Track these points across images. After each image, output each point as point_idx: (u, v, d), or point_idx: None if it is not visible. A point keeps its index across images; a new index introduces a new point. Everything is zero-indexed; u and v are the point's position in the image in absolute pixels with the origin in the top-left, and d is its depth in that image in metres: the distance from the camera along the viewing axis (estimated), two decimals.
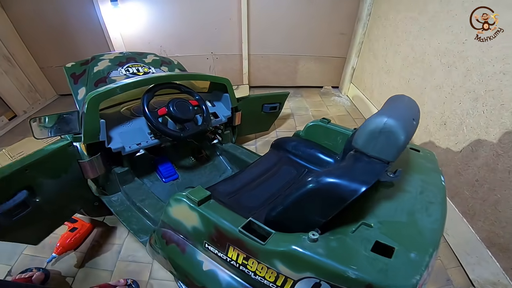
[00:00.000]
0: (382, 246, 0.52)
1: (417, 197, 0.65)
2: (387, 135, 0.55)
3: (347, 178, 0.54)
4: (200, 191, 0.71)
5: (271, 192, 1.01)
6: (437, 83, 1.51)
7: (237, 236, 0.61)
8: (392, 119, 0.55)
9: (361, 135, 0.59)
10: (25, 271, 1.12)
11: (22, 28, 2.48)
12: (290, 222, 0.62)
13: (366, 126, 0.58)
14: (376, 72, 2.32)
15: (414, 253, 0.51)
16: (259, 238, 0.58)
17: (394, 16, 2.02)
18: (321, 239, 0.54)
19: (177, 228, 0.76)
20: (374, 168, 0.55)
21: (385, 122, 0.55)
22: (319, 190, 0.56)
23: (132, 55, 1.61)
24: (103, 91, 0.99)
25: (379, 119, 0.56)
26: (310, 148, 1.17)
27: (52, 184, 0.92)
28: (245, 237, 0.59)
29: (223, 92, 1.49)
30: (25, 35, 2.52)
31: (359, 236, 0.55)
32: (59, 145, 0.90)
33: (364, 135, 0.58)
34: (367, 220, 0.58)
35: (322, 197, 0.56)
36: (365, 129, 0.58)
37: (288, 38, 2.72)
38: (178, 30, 2.59)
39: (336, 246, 0.53)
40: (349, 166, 0.58)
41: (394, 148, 0.56)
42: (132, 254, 1.25)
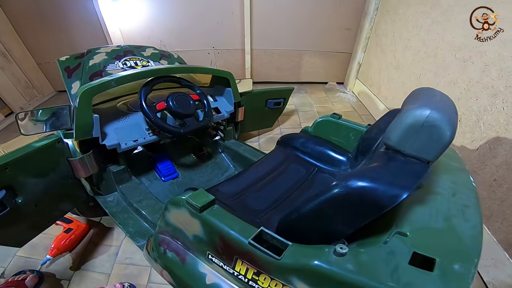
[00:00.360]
0: (421, 257, 0.45)
1: (450, 200, 0.58)
2: (430, 130, 0.47)
3: (383, 181, 0.46)
4: (202, 195, 0.63)
5: (279, 193, 0.93)
6: (451, 79, 1.46)
7: (246, 249, 0.53)
8: (436, 111, 0.47)
9: (395, 130, 0.51)
10: (19, 274, 1.07)
11: (19, 23, 2.42)
12: (308, 231, 0.55)
13: (403, 119, 0.50)
14: (384, 67, 2.25)
15: (458, 264, 0.44)
16: (273, 251, 0.50)
17: (404, 11, 1.96)
18: (349, 253, 0.46)
19: (176, 235, 0.68)
20: (414, 170, 0.48)
21: (428, 115, 0.47)
22: (348, 196, 0.48)
23: (130, 48, 1.54)
24: (96, 84, 0.92)
25: (419, 112, 0.48)
26: (320, 145, 1.09)
27: (38, 184, 0.85)
28: (257, 250, 0.51)
29: (226, 87, 1.42)
30: (22, 30, 2.47)
31: (393, 247, 0.47)
32: (46, 142, 0.83)
33: (399, 130, 0.50)
34: (401, 227, 0.50)
35: (352, 204, 0.48)
36: (401, 123, 0.50)
37: (292, 32, 2.65)
38: (178, 24, 2.53)
39: (367, 261, 0.45)
40: (382, 167, 0.50)
41: (437, 146, 0.48)
42: (130, 256, 1.20)
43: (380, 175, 0.48)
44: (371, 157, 0.75)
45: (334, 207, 0.50)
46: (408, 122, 0.49)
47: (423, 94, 0.60)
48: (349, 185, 0.47)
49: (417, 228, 0.50)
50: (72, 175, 0.96)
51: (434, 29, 1.61)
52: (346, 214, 0.50)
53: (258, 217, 0.81)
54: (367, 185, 0.46)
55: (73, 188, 1.02)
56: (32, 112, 0.89)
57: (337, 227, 0.50)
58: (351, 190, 0.47)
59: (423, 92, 0.62)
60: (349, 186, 0.47)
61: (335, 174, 1.02)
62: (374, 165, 0.52)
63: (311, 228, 0.54)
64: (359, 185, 0.47)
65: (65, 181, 0.95)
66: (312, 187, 0.97)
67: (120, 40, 2.52)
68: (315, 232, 0.54)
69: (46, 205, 0.91)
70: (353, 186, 0.47)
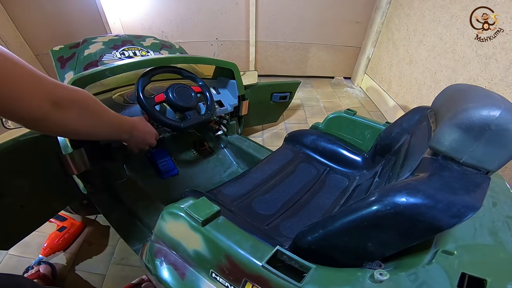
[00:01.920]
0: (469, 278, 0.38)
1: (492, 211, 0.50)
2: (500, 134, 0.38)
3: (441, 198, 0.37)
4: (204, 205, 0.54)
5: (288, 196, 0.85)
6: (471, 76, 1.38)
7: (258, 272, 0.45)
8: (508, 112, 0.38)
9: (449, 133, 0.42)
10: (27, 271, 1.03)
11: (16, 13, 2.33)
12: (334, 251, 0.47)
13: (463, 120, 0.41)
14: (396, 63, 2.16)
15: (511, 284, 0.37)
16: (291, 274, 0.41)
17: (419, 5, 1.87)
18: (390, 278, 0.39)
19: (173, 247, 0.59)
20: (475, 182, 0.39)
21: (498, 115, 0.38)
22: (396, 215, 0.39)
23: (129, 38, 1.46)
24: (88, 73, 0.84)
25: (486, 111, 0.39)
26: (332, 143, 1.00)
27: (23, 182, 0.77)
28: (271, 274, 0.43)
29: (230, 79, 1.34)
30: (19, 21, 2.37)
31: (439, 268, 0.39)
32: (30, 136, 0.74)
33: (457, 134, 0.41)
34: (445, 245, 0.42)
35: (399, 224, 0.40)
36: (460, 124, 0.41)
37: (298, 24, 2.55)
38: (181, 15, 2.44)
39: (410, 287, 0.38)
40: (436, 179, 0.41)
41: (506, 153, 0.39)
42: (126, 257, 1.13)
43: (436, 190, 0.38)
44: (399, 162, 0.66)
45: (373, 226, 0.41)
46: (471, 124, 0.40)
47: (475, 91, 0.51)
48: (396, 202, 0.38)
49: (463, 245, 0.43)
50: (63, 172, 0.88)
51: (454, 24, 1.52)
52: (387, 235, 0.41)
53: (266, 223, 0.74)
54: (421, 203, 0.37)
55: (64, 187, 0.93)
56: None
57: (372, 248, 0.42)
58: (399, 208, 0.38)
59: (473, 89, 0.52)
60: (397, 203, 0.38)
61: (349, 175, 0.94)
62: (422, 176, 0.43)
63: (338, 247, 0.46)
64: (411, 202, 0.37)
65: (55, 179, 0.87)
66: (324, 188, 0.89)
67: (121, 31, 2.44)
68: (342, 252, 0.46)
69: (33, 205, 0.83)
70: (402, 203, 0.38)
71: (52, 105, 0.46)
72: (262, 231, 0.65)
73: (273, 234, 0.69)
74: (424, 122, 0.67)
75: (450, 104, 0.50)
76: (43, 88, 0.44)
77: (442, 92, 0.62)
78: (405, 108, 1.97)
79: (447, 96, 0.56)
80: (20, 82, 0.41)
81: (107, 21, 2.36)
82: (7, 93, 0.40)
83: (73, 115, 0.50)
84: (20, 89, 0.41)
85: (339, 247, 0.46)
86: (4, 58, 0.39)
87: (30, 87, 0.42)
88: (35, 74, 0.43)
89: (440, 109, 0.58)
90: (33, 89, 0.43)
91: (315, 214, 0.78)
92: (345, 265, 0.45)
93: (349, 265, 0.45)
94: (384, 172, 0.76)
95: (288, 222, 0.74)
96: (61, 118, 0.48)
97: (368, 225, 0.41)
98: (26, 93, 0.42)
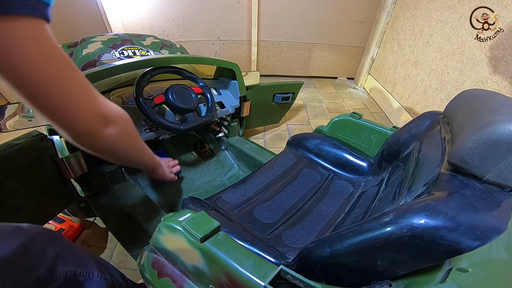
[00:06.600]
0: None
1: (508, 225, 0.47)
2: None
3: (464, 220, 0.34)
4: (203, 221, 0.51)
5: (291, 203, 0.82)
6: (479, 78, 1.34)
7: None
8: None
9: (472, 148, 0.39)
10: None
11: None
12: (341, 270, 0.44)
13: (488, 135, 0.37)
14: (401, 64, 2.11)
15: None
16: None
17: (426, 5, 1.82)
18: None
19: (171, 260, 0.56)
20: (498, 201, 0.36)
21: None
22: (413, 238, 0.36)
23: (128, 37, 1.43)
24: (85, 74, 0.81)
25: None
26: (337, 147, 0.96)
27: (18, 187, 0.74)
28: None
29: (231, 79, 1.31)
30: None
31: (454, 286, 0.36)
32: (25, 140, 0.71)
33: (481, 149, 0.38)
34: (459, 262, 0.39)
35: (415, 246, 0.37)
36: (484, 139, 0.38)
37: (301, 24, 2.51)
38: (182, 14, 2.40)
39: None
40: (456, 199, 0.37)
41: None
42: (124, 260, 1.10)
43: (458, 211, 0.35)
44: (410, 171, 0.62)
45: (385, 248, 0.38)
46: (498, 140, 0.36)
47: (497, 100, 0.46)
48: (414, 224, 0.35)
49: (478, 261, 0.39)
50: (59, 176, 0.86)
51: (462, 25, 1.48)
52: (401, 257, 0.38)
53: (268, 232, 0.71)
54: (441, 225, 0.34)
55: (61, 190, 0.91)
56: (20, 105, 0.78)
57: (383, 268, 0.39)
58: (416, 231, 0.35)
59: (493, 97, 0.48)
60: (414, 226, 0.35)
61: (354, 181, 0.90)
62: (441, 194, 0.39)
63: (346, 265, 0.43)
64: (430, 225, 0.34)
65: (51, 183, 0.84)
66: (327, 195, 0.86)
67: (121, 30, 2.41)
68: (350, 270, 0.42)
69: (29, 210, 0.80)
70: (420, 226, 0.34)
71: (102, 119, 0.43)
72: (264, 242, 0.62)
73: (276, 244, 0.66)
74: (435, 129, 0.64)
75: (470, 114, 0.47)
76: (96, 100, 0.42)
77: (456, 98, 0.58)
78: (410, 110, 1.93)
79: (463, 103, 0.53)
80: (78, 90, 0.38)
81: (107, 20, 2.33)
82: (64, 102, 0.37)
83: (119, 133, 0.48)
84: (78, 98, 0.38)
85: (347, 266, 0.43)
86: (66, 66, 0.36)
87: (86, 97, 0.40)
88: (88, 83, 0.40)
89: (455, 117, 0.54)
90: (89, 100, 0.40)
91: (318, 222, 0.75)
92: (353, 284, 0.42)
93: (357, 284, 0.42)
94: (392, 181, 0.73)
95: (291, 231, 0.71)
96: (109, 134, 0.45)
97: (380, 247, 0.38)
98: (83, 104, 0.39)
